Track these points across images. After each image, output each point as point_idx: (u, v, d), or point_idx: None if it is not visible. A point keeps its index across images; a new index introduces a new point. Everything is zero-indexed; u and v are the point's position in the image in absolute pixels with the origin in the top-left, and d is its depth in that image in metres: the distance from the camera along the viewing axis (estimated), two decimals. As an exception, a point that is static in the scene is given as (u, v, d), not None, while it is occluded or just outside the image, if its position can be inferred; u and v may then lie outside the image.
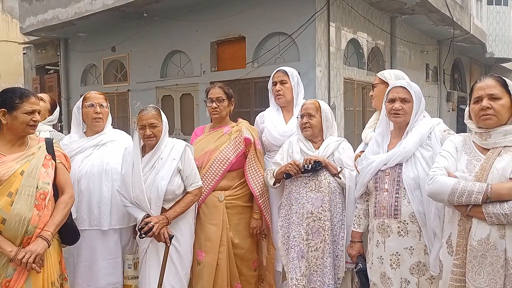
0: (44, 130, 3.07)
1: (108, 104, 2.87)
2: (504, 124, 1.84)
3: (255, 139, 2.87)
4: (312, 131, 2.64)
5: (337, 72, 8.14)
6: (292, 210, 2.60)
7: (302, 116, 2.65)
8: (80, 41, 11.54)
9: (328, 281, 2.48)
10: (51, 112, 3.22)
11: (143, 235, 2.46)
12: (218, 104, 2.88)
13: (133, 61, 10.35)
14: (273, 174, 2.69)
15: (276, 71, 3.06)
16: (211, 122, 3.06)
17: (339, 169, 2.54)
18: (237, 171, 2.86)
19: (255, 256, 2.92)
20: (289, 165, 2.55)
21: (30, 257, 1.93)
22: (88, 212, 2.65)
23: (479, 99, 1.86)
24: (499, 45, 15.02)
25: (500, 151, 1.81)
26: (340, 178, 2.53)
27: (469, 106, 1.94)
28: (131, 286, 2.73)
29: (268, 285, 2.96)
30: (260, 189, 2.81)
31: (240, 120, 3.03)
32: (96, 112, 2.74)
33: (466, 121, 1.97)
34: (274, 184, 2.69)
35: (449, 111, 13.55)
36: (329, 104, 7.83)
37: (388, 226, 2.15)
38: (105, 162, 2.69)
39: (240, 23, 8.24)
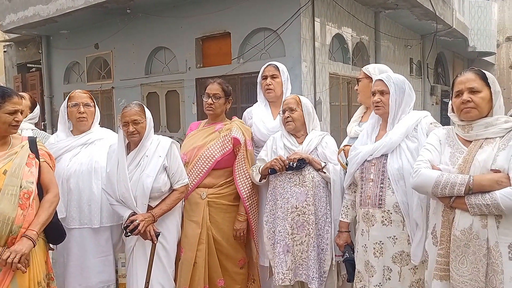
0: (26, 128, 3.03)
1: (94, 103, 2.84)
2: (485, 116, 1.88)
3: (246, 139, 2.83)
4: (295, 125, 2.65)
5: (322, 67, 8.18)
6: (277, 205, 2.61)
7: (283, 111, 2.66)
8: (62, 38, 11.35)
9: (312, 275, 2.50)
10: (31, 110, 3.19)
11: (129, 233, 2.45)
12: (214, 101, 2.84)
13: (117, 58, 10.23)
14: (259, 170, 2.69)
15: (267, 65, 3.04)
16: (204, 118, 3.03)
17: (323, 164, 2.56)
18: (224, 170, 2.83)
19: (241, 255, 2.90)
20: (274, 160, 2.57)
21: (15, 257, 1.90)
22: (78, 211, 2.63)
23: (459, 93, 1.90)
24: (481, 39, 15.26)
25: (482, 143, 1.86)
26: (325, 173, 2.55)
27: (451, 100, 1.98)
28: (125, 284, 2.69)
29: (258, 286, 2.97)
30: (248, 192, 2.77)
31: (234, 118, 2.99)
32: (79, 112, 2.73)
33: (449, 114, 2.02)
34: (260, 180, 2.70)
35: (432, 104, 13.75)
36: (315, 99, 7.88)
37: (373, 215, 2.20)
38: (94, 160, 2.68)
39: (225, 19, 8.21)
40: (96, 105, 2.86)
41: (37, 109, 3.28)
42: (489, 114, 1.89)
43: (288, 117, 2.64)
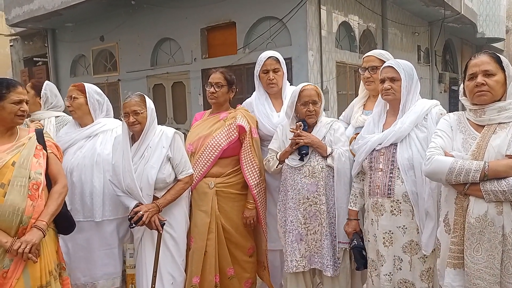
0: (49, 116, 3.01)
1: (85, 94, 2.73)
2: (498, 101, 1.84)
3: (251, 127, 2.82)
4: (316, 118, 2.63)
5: (329, 55, 8.11)
6: (288, 196, 2.61)
7: (306, 103, 2.58)
8: (67, 31, 11.38)
9: (327, 262, 2.51)
10: (37, 93, 3.11)
11: (133, 225, 2.47)
12: (216, 90, 2.83)
13: (123, 50, 10.24)
14: (276, 157, 2.67)
15: (267, 58, 2.94)
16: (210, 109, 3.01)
17: (329, 151, 2.53)
18: (231, 158, 2.82)
19: (250, 244, 2.91)
20: (295, 141, 2.54)
21: (26, 247, 1.92)
22: (81, 204, 2.64)
23: (473, 76, 1.86)
24: (490, 25, 15.04)
25: (495, 128, 1.82)
26: (327, 161, 2.54)
27: (463, 83, 1.93)
28: (134, 275, 2.70)
29: (268, 273, 2.97)
30: (255, 179, 2.77)
31: (239, 106, 2.97)
32: (67, 106, 2.76)
33: (461, 98, 1.97)
34: (277, 166, 2.68)
35: (441, 92, 13.62)
36: (321, 88, 7.82)
37: (382, 205, 2.18)
38: (96, 153, 2.67)
39: (230, 8, 8.15)
40: (92, 96, 2.75)
41: (56, 96, 3.17)
42: (502, 99, 1.85)
43: (313, 110, 2.59)
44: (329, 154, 2.53)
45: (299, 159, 2.56)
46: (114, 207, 2.67)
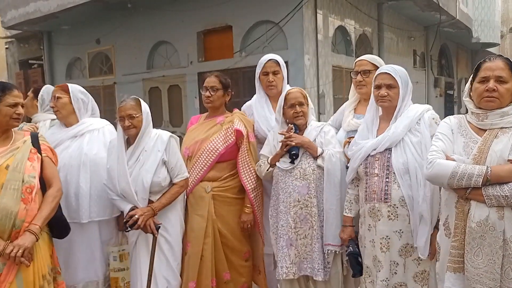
0: (44, 119, 3.00)
1: (69, 93, 2.70)
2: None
3: (248, 132, 2.82)
4: (305, 119, 2.63)
5: (325, 60, 8.13)
6: (279, 199, 2.61)
7: (292, 106, 2.60)
8: (63, 34, 11.34)
9: (317, 266, 2.50)
10: (36, 97, 3.11)
11: (129, 228, 2.45)
12: (212, 93, 2.83)
13: (119, 53, 10.22)
14: (267, 161, 2.67)
15: (268, 61, 2.96)
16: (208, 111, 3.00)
17: (319, 151, 2.54)
18: (227, 162, 2.82)
19: (246, 248, 2.90)
20: (282, 140, 2.54)
21: (18, 251, 1.91)
22: (65, 205, 2.57)
23: (485, 80, 1.83)
24: (485, 30, 15.14)
25: (497, 133, 1.81)
26: (318, 161, 2.54)
27: (470, 84, 1.91)
28: (118, 278, 2.68)
29: (263, 278, 2.97)
30: (252, 184, 2.77)
31: (235, 110, 2.98)
32: (51, 106, 2.76)
33: (464, 98, 1.95)
34: (267, 170, 2.67)
35: (436, 96, 13.69)
36: (318, 92, 7.86)
37: (379, 210, 2.18)
38: (83, 153, 2.64)
39: (227, 12, 8.17)
40: (76, 95, 2.73)
41: (45, 94, 3.14)
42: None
43: (300, 111, 2.60)
44: (320, 155, 2.53)
45: (290, 162, 2.56)
46: (101, 208, 2.64)
